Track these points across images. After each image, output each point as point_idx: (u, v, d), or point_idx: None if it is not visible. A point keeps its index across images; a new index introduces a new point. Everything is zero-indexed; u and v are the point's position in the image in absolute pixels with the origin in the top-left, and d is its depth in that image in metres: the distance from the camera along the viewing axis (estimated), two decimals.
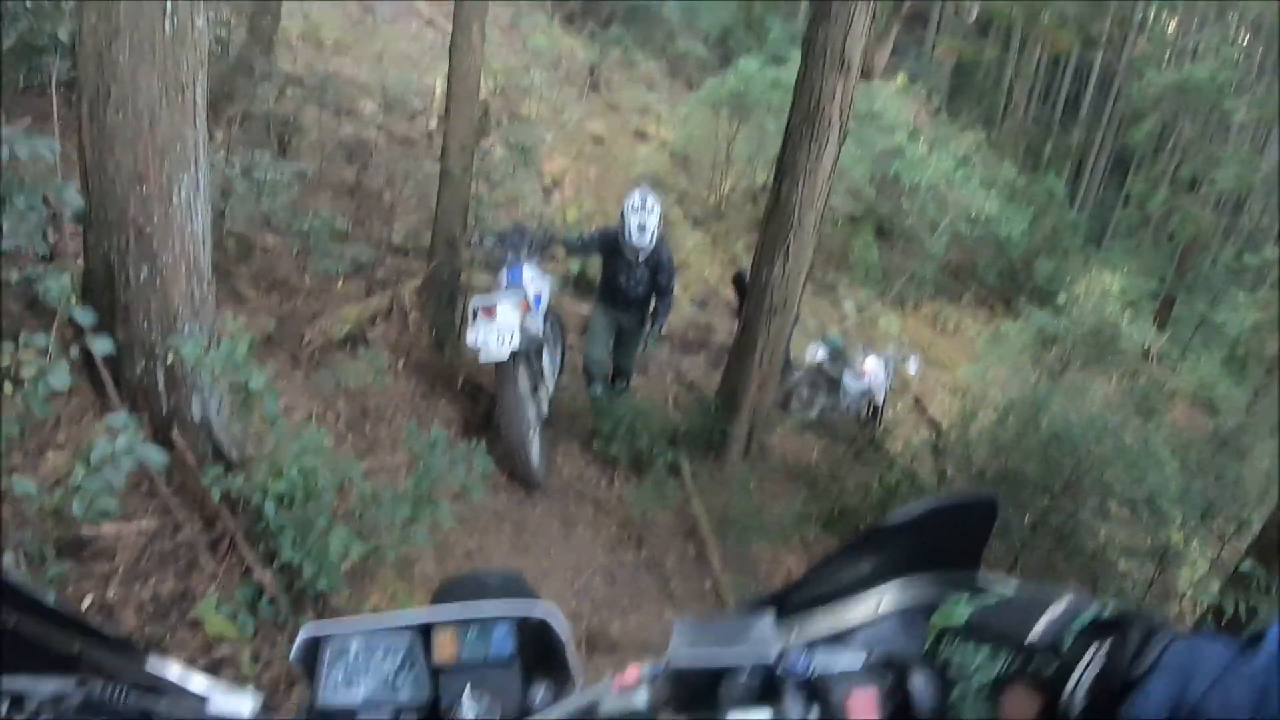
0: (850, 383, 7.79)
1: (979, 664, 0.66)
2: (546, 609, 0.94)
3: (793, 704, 0.68)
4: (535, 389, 5.22)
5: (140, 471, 3.02)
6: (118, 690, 0.79)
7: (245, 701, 0.87)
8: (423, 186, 7.10)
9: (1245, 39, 20.48)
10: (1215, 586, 5.48)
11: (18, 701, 0.75)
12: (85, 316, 2.85)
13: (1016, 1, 15.84)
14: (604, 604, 4.44)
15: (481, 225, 6.45)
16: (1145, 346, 13.17)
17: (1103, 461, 5.53)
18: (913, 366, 8.84)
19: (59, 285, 2.83)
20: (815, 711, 0.68)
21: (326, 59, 9.57)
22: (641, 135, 13.08)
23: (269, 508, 3.03)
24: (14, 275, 3.04)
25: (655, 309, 5.84)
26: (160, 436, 3.22)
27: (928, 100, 18.01)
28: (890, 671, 0.70)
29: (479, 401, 5.48)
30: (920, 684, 0.68)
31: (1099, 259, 16.69)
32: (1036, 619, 0.64)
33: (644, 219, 5.38)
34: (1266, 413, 11.72)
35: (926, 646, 0.71)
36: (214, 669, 2.75)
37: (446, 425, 5.12)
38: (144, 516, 3.09)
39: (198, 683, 0.87)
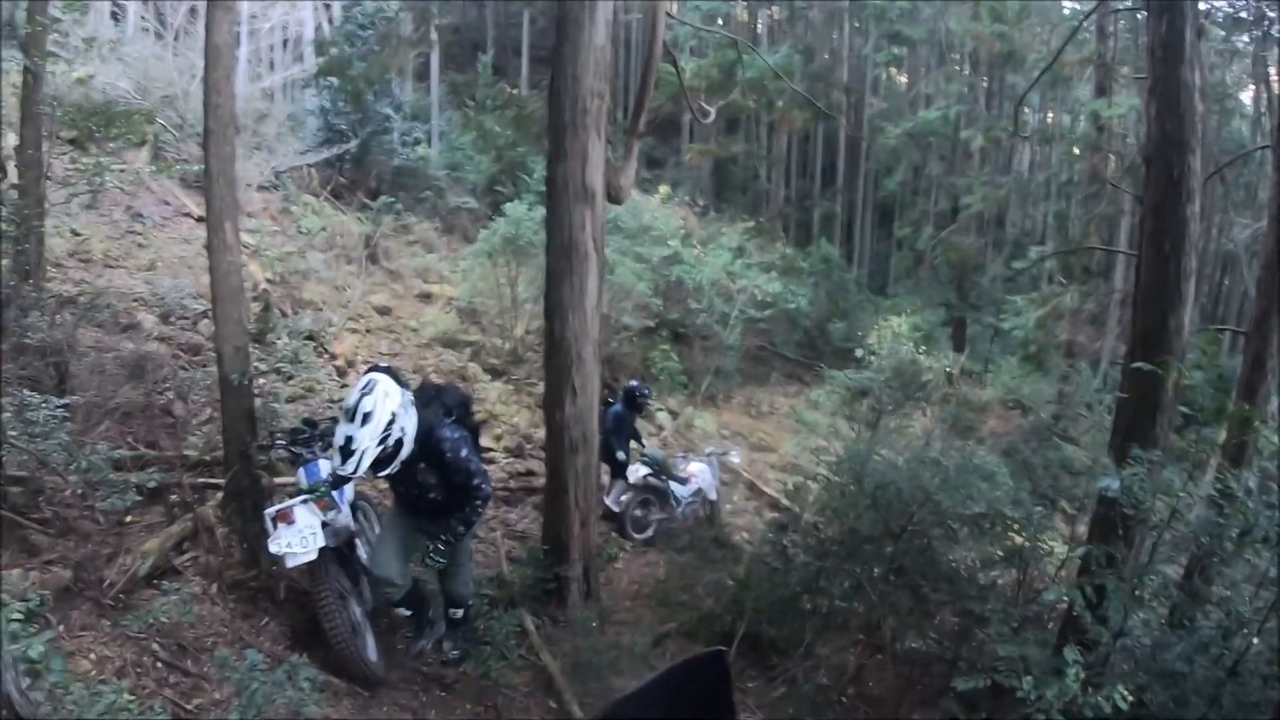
0: (679, 491, 7.91)
1: None
2: None
3: None
4: (356, 583, 4.99)
5: None
6: None
7: None
8: (214, 393, 6.68)
9: (968, 72, 22.67)
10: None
11: None
12: None
13: (745, 98, 17.07)
14: None
15: (278, 423, 6.28)
16: (948, 371, 13.99)
17: (932, 491, 5.63)
18: (735, 458, 9.10)
19: None
20: None
21: (98, 275, 9.16)
22: (426, 298, 13.14)
23: None
24: None
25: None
26: None
27: (694, 203, 18.97)
28: None
29: (306, 608, 5.09)
30: None
31: (886, 306, 17.81)
32: None
33: (351, 429, 4.16)
34: (1081, 392, 12.29)
35: None
36: None
37: (275, 641, 4.81)
38: None
39: None
